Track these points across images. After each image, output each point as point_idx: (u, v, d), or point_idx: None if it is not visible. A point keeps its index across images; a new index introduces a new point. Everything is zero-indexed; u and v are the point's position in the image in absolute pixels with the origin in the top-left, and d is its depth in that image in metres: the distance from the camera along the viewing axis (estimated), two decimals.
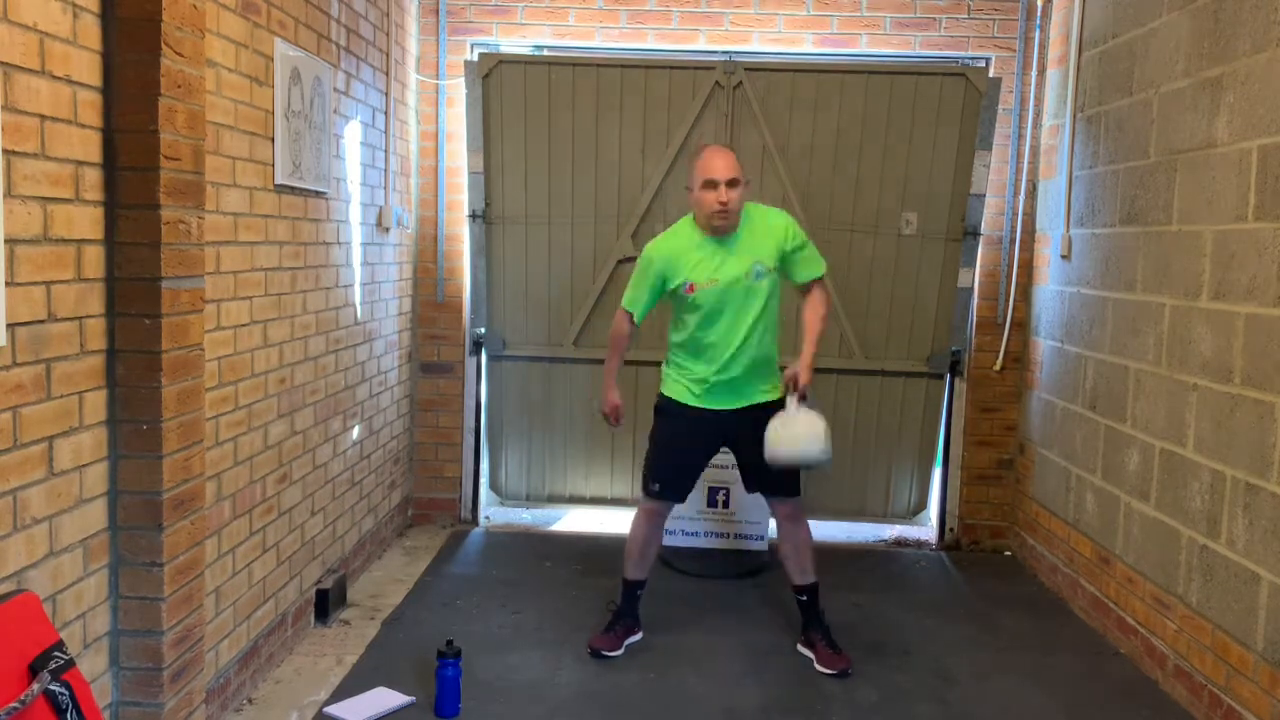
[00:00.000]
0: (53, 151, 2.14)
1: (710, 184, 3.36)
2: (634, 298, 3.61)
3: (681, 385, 3.56)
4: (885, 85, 4.73)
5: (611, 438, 5.05)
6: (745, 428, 3.50)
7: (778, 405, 3.50)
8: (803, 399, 3.44)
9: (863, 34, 4.81)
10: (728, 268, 3.43)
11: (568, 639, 3.67)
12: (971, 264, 4.88)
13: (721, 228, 3.43)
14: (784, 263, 3.53)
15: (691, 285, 3.45)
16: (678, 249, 3.50)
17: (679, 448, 3.60)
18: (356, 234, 4.06)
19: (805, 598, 3.63)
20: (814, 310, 3.59)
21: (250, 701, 3.14)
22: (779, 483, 3.57)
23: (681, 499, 3.70)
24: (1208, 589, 3.24)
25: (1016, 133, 4.83)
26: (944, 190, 4.81)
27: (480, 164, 4.88)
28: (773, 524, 4.02)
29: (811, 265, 3.59)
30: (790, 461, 3.40)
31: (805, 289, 3.62)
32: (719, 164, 3.38)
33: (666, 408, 3.62)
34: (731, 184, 3.36)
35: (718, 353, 3.48)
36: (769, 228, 3.50)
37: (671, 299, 3.55)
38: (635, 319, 3.62)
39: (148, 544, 2.44)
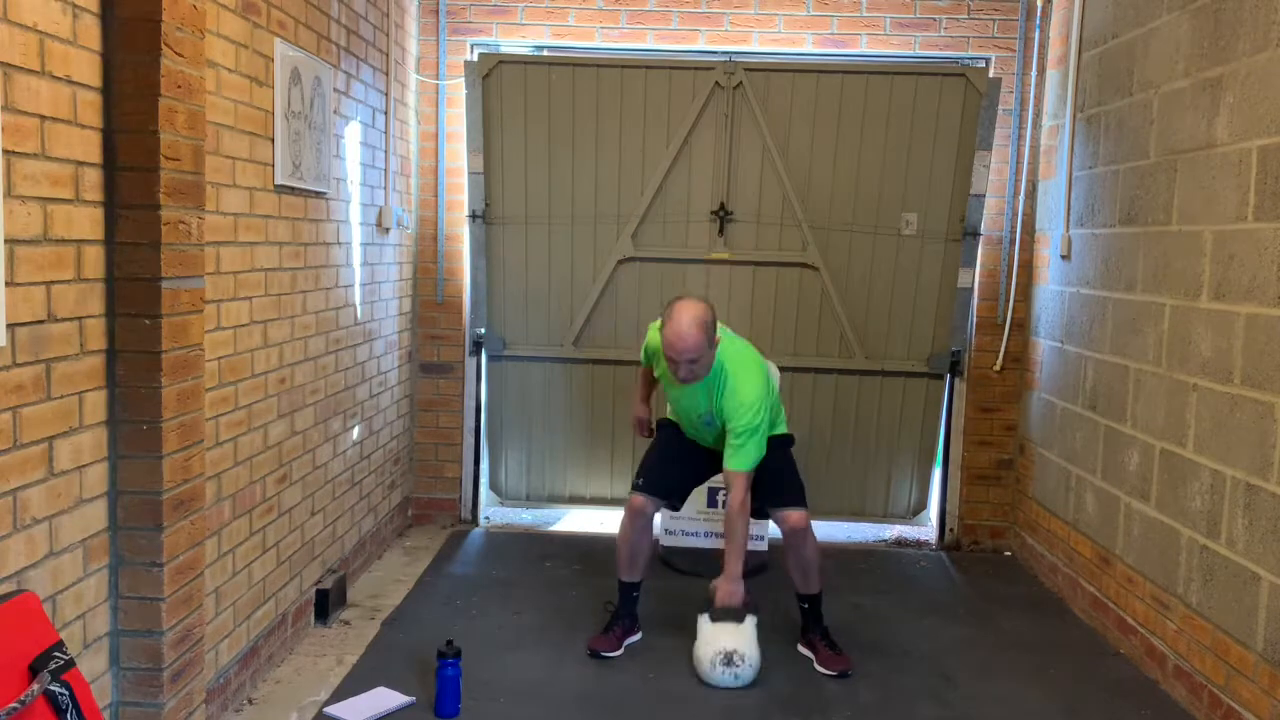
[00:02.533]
0: (53, 152, 2.14)
1: (671, 360, 3.34)
2: (643, 353, 3.87)
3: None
4: (885, 85, 4.74)
5: (611, 438, 5.05)
6: None
7: (776, 440, 3.58)
8: (723, 616, 3.37)
9: (863, 34, 4.81)
10: (690, 397, 3.55)
11: (568, 639, 3.67)
12: (971, 264, 4.88)
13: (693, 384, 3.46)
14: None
15: (661, 381, 3.67)
16: (660, 349, 3.44)
17: (670, 450, 3.72)
18: (356, 234, 4.06)
19: (807, 605, 3.63)
20: (730, 515, 3.41)
21: (250, 701, 3.14)
22: (781, 492, 3.57)
23: (665, 497, 3.70)
24: (1208, 589, 3.24)
25: (1016, 133, 4.84)
26: (944, 190, 4.81)
27: (480, 164, 4.88)
28: (773, 524, 4.02)
29: (734, 458, 3.38)
30: (706, 680, 3.36)
31: (725, 475, 3.45)
32: (679, 342, 3.26)
33: (667, 424, 3.82)
34: (693, 362, 3.31)
35: (688, 430, 3.71)
36: (731, 403, 3.40)
37: None
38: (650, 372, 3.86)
39: (148, 544, 2.44)
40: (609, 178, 4.87)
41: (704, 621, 3.43)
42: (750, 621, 3.40)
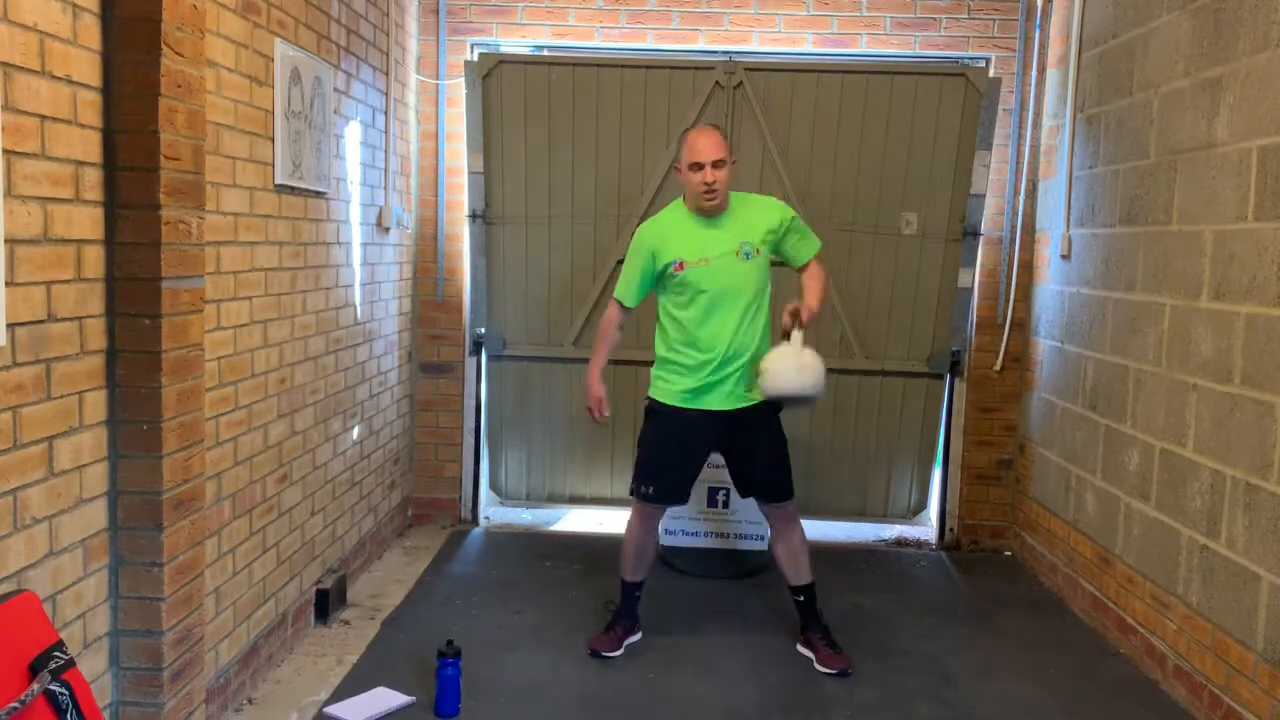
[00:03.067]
0: (53, 151, 2.14)
1: (696, 165, 3.39)
2: (625, 284, 3.60)
3: (670, 389, 3.52)
4: (885, 85, 4.74)
5: (612, 438, 5.05)
6: (736, 431, 3.50)
7: (768, 408, 3.51)
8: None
9: (863, 34, 4.81)
10: (716, 246, 3.44)
11: (568, 639, 3.67)
12: (971, 264, 4.88)
13: (709, 208, 3.45)
14: (779, 246, 3.55)
15: (681, 263, 3.44)
16: (668, 228, 3.52)
17: (668, 450, 3.57)
18: (356, 234, 4.06)
19: (803, 598, 3.62)
20: (814, 277, 3.59)
21: (250, 701, 3.14)
22: (771, 487, 3.56)
23: (676, 501, 3.66)
24: (1208, 589, 3.24)
25: (1016, 133, 4.84)
26: (944, 190, 4.81)
27: (480, 164, 4.88)
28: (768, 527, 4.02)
29: (807, 244, 3.61)
30: (786, 394, 3.37)
31: (804, 268, 3.62)
32: (704, 144, 3.39)
33: (656, 409, 3.58)
34: (717, 164, 3.37)
35: (708, 342, 3.43)
36: (759, 211, 3.54)
37: (661, 290, 3.54)
38: (629, 304, 3.60)
39: (148, 544, 2.44)
40: (609, 178, 4.87)
41: (797, 344, 3.37)
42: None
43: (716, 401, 3.49)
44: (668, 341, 3.53)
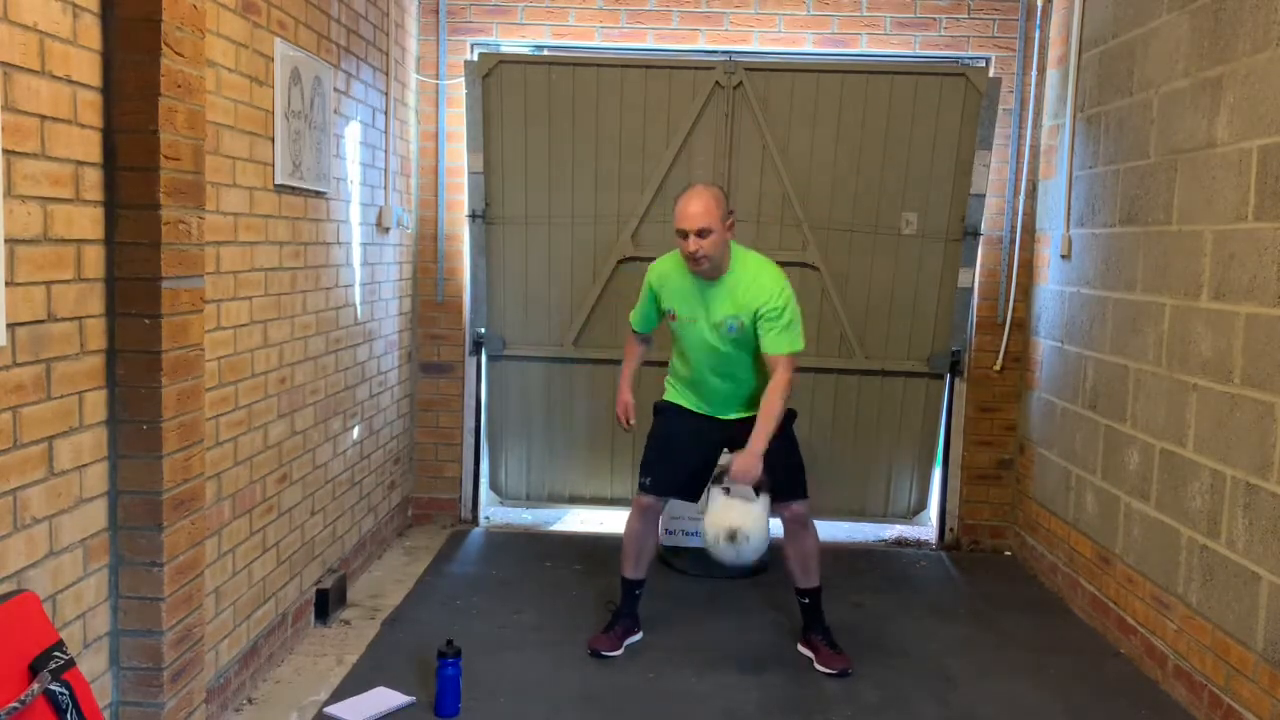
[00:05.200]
0: (53, 151, 2.14)
1: (681, 232, 3.30)
2: (636, 313, 3.71)
3: (678, 392, 3.66)
4: (885, 85, 4.74)
5: (611, 438, 5.05)
6: (740, 436, 3.49)
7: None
8: (731, 488, 3.34)
9: (863, 34, 4.81)
10: (706, 311, 3.42)
11: (568, 639, 3.67)
12: (971, 264, 4.88)
13: (699, 273, 3.39)
14: (754, 326, 3.38)
15: (673, 314, 3.52)
16: (671, 273, 3.51)
17: (673, 444, 3.61)
18: (356, 234, 4.06)
19: (808, 600, 3.63)
20: (770, 392, 3.35)
21: (250, 701, 3.14)
22: (783, 484, 3.55)
23: (676, 493, 3.68)
24: (1208, 589, 3.24)
25: (1016, 133, 4.83)
26: (944, 190, 4.81)
27: (480, 164, 4.88)
28: (774, 523, 4.02)
29: (776, 341, 3.34)
30: (709, 546, 3.39)
31: (769, 362, 3.39)
32: (691, 210, 3.26)
33: (665, 408, 3.68)
34: (702, 233, 3.25)
35: (698, 384, 3.57)
36: (753, 287, 3.36)
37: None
38: (638, 329, 3.73)
39: (148, 544, 2.44)
40: (609, 178, 4.87)
41: (716, 493, 3.38)
42: (762, 500, 3.36)
43: (715, 413, 3.58)
44: (671, 356, 3.68)
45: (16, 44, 2.02)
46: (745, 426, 3.47)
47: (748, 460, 3.31)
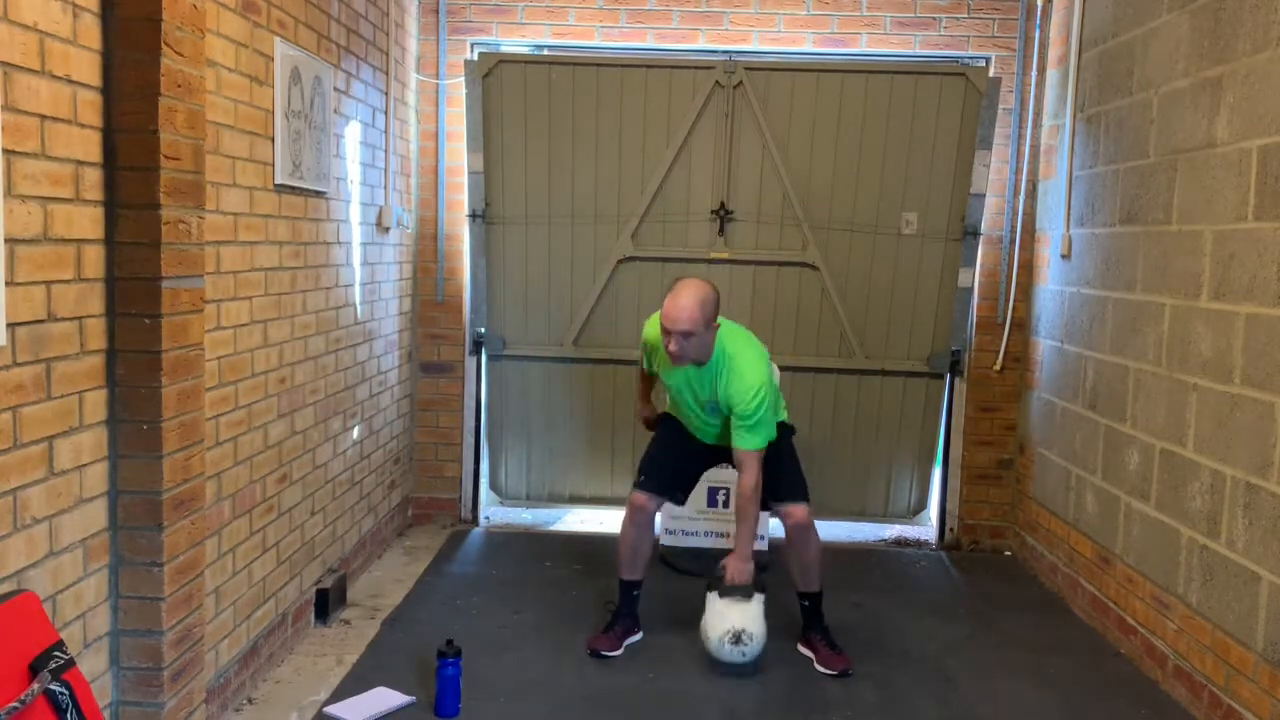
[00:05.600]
0: (53, 151, 2.14)
1: (664, 330, 3.30)
2: (640, 358, 3.85)
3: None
4: (885, 85, 4.74)
5: (612, 438, 5.06)
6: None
7: (782, 426, 3.59)
8: (730, 592, 3.40)
9: (863, 34, 4.80)
10: (689, 386, 3.51)
11: (568, 639, 3.66)
12: (971, 264, 4.88)
13: (683, 364, 3.41)
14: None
15: (660, 380, 3.65)
16: (658, 341, 3.47)
17: (670, 442, 3.71)
18: (356, 234, 4.06)
19: (808, 602, 3.63)
20: (740, 497, 3.41)
21: (250, 701, 3.14)
22: (784, 487, 3.56)
23: (666, 494, 3.71)
24: (1208, 589, 3.24)
25: (1016, 133, 4.83)
26: (944, 190, 4.81)
27: (480, 164, 4.88)
28: (774, 522, 4.02)
29: (744, 439, 3.36)
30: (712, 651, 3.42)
31: (736, 456, 3.42)
32: (674, 316, 3.24)
33: (664, 416, 3.82)
34: (685, 335, 3.25)
35: (685, 420, 3.67)
36: (731, 389, 3.37)
37: None
38: (646, 369, 3.84)
39: (148, 544, 2.44)
40: (609, 177, 4.87)
41: (712, 599, 3.43)
42: (758, 600, 3.41)
43: (705, 440, 3.68)
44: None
45: (16, 44, 2.02)
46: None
47: (738, 565, 3.42)
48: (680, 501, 3.82)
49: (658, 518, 3.76)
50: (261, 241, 3.15)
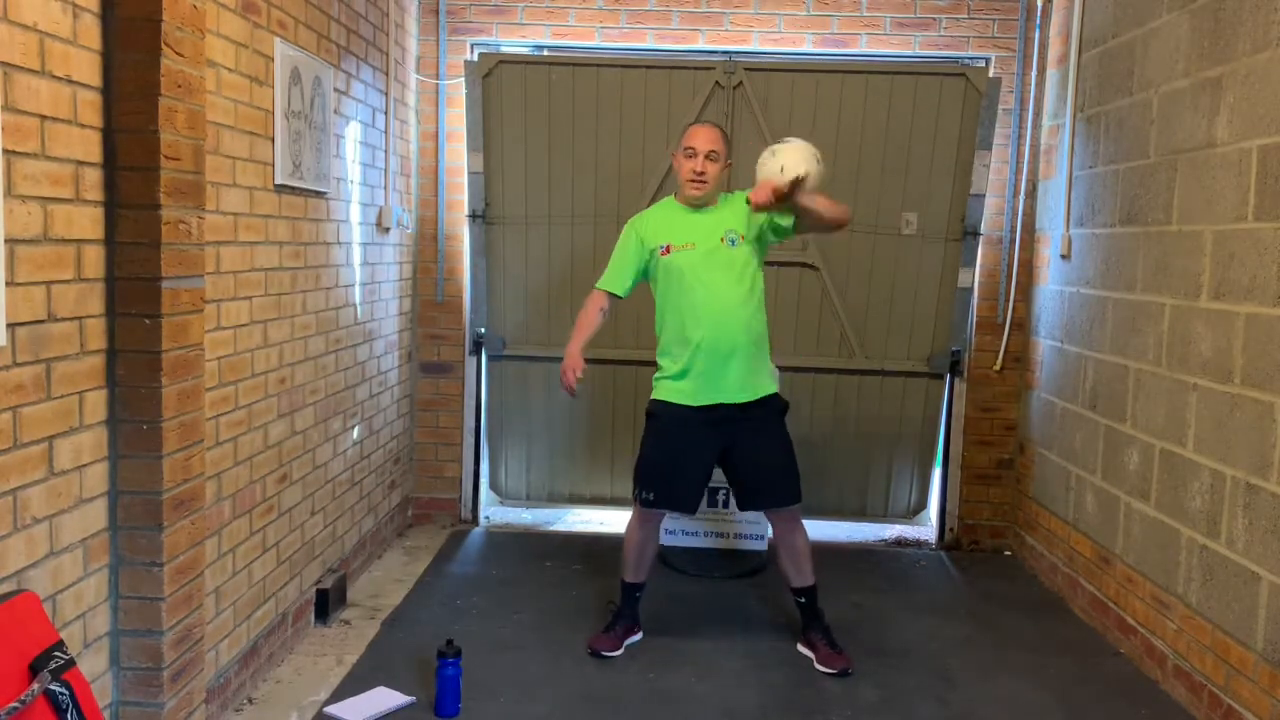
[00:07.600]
0: (53, 151, 2.14)
1: (689, 151, 3.46)
2: (613, 272, 3.63)
3: (669, 386, 3.51)
4: (885, 85, 4.74)
5: (611, 437, 5.05)
6: (738, 434, 3.47)
7: (775, 403, 3.50)
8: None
9: (863, 34, 4.81)
10: (703, 232, 3.48)
11: (568, 639, 3.67)
12: (971, 264, 4.88)
13: (695, 197, 3.49)
14: (769, 224, 3.42)
15: (668, 247, 3.50)
16: (656, 217, 3.61)
17: (668, 451, 3.52)
18: (356, 234, 4.07)
19: (804, 600, 3.62)
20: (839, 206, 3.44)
21: (250, 701, 3.14)
22: (777, 491, 3.53)
23: (679, 508, 3.67)
24: (1208, 589, 3.24)
25: (1016, 133, 4.84)
26: (944, 190, 4.81)
27: (480, 164, 4.88)
28: (767, 527, 4.01)
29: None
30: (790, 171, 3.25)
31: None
32: (702, 135, 3.48)
33: (658, 411, 3.55)
34: (710, 156, 3.44)
35: (699, 328, 3.40)
36: (740, 194, 3.52)
37: (654, 283, 3.58)
38: (615, 291, 3.61)
39: (148, 544, 2.44)
40: (609, 178, 4.87)
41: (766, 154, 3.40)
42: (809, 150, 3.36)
43: (717, 393, 3.43)
44: (663, 342, 3.56)
45: (16, 44, 2.02)
46: (738, 419, 3.44)
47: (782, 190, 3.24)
48: (692, 513, 3.73)
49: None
50: (261, 242, 3.15)
